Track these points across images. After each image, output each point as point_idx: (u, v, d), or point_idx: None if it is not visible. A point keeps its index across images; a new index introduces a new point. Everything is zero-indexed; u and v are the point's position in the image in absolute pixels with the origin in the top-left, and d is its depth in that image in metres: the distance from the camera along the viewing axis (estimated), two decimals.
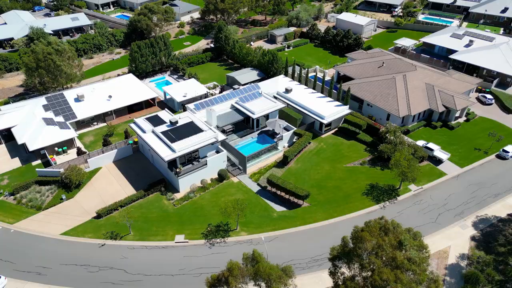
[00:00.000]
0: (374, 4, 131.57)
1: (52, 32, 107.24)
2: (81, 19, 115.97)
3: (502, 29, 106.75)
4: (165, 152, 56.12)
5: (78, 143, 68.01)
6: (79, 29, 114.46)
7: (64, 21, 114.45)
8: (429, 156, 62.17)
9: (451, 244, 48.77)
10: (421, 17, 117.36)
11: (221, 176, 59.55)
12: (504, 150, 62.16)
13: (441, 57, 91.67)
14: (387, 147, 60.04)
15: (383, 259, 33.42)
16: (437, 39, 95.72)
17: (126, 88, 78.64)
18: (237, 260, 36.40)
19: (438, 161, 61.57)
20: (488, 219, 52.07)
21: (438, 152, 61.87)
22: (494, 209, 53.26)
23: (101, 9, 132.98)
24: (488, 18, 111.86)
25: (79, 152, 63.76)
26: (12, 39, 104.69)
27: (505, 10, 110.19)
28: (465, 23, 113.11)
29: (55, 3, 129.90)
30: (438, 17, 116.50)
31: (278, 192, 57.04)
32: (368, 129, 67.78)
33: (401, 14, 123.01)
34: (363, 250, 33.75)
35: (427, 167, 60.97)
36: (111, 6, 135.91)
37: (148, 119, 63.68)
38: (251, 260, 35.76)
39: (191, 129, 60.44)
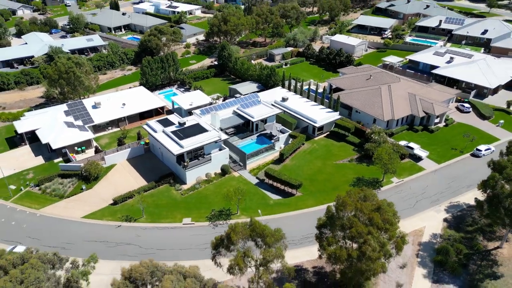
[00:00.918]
0: (366, 28, 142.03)
1: (69, 51, 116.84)
2: (96, 40, 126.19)
3: (482, 49, 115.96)
4: (174, 147, 63.57)
5: (95, 144, 75.50)
6: (94, 49, 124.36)
7: (80, 41, 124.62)
8: (410, 154, 69.37)
9: (426, 224, 55.28)
10: (408, 39, 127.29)
11: (224, 171, 66.70)
12: (477, 149, 69.43)
13: (425, 73, 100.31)
14: (372, 146, 67.36)
15: (361, 220, 40.07)
16: (421, 56, 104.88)
17: (138, 98, 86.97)
18: None
19: (418, 158, 68.76)
20: (460, 205, 58.72)
21: (418, 150, 69.17)
22: (465, 198, 59.93)
23: (113, 31, 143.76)
24: (470, 39, 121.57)
25: (97, 151, 71.31)
26: (32, 57, 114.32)
27: (485, 32, 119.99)
28: (449, 44, 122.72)
29: (70, 26, 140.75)
30: (424, 39, 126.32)
31: (275, 184, 63.95)
32: (356, 132, 75.32)
33: (390, 36, 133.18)
34: (344, 213, 40.46)
35: (408, 164, 68.10)
36: (123, 29, 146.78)
37: (159, 121, 71.51)
38: (250, 225, 42.38)
39: (197, 129, 68.08)
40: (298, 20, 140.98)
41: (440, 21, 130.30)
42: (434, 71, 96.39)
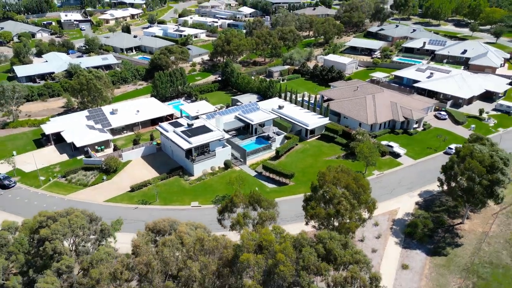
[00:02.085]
0: (357, 49, 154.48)
1: (86, 68, 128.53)
2: (110, 59, 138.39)
3: (462, 67, 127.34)
4: (184, 143, 73.41)
5: (113, 144, 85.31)
6: (108, 67, 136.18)
7: (95, 60, 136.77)
8: (390, 152, 78.94)
9: (400, 206, 64.26)
10: (395, 58, 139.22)
11: (227, 165, 76.21)
12: (449, 148, 78.99)
13: (408, 86, 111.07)
14: (356, 144, 76.98)
15: (338, 187, 49.29)
16: (405, 72, 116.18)
17: (150, 107, 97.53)
18: None
19: (397, 155, 78.29)
20: (430, 192, 67.78)
21: (397, 148, 78.83)
22: (436, 186, 68.42)
23: (125, 52, 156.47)
24: (451, 58, 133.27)
25: (115, 149, 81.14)
26: (53, 73, 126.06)
27: (464, 51, 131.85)
28: (432, 63, 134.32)
29: (86, 47, 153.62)
30: (410, 58, 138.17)
31: (271, 176, 73.33)
32: (343, 134, 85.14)
33: (379, 56, 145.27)
34: (324, 183, 49.74)
35: (388, 160, 77.62)
36: (134, 50, 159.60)
37: (170, 123, 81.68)
38: (250, 196, 51.55)
39: (203, 129, 78.09)
40: (295, 42, 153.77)
41: (424, 42, 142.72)
42: (416, 85, 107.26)
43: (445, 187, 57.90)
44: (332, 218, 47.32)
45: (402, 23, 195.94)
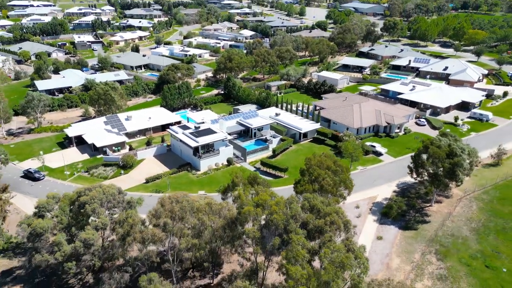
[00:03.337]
0: (349, 67, 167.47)
1: (101, 82, 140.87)
2: (121, 75, 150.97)
3: (444, 81, 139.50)
4: (192, 142, 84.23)
5: (128, 146, 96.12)
6: (120, 82, 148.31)
7: (108, 76, 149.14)
8: (373, 151, 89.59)
9: (379, 193, 74.44)
10: (383, 75, 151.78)
11: (229, 162, 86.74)
12: None
13: (393, 98, 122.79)
14: (342, 144, 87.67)
15: (321, 168, 59.69)
16: (391, 86, 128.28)
17: (160, 115, 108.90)
18: None
19: (379, 154, 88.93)
20: (407, 182, 78.03)
21: (379, 147, 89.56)
22: (411, 178, 79.15)
23: (135, 69, 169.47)
24: (433, 74, 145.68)
25: (130, 148, 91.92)
26: (70, 87, 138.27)
27: (445, 68, 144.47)
28: (416, 78, 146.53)
29: (99, 65, 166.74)
30: (397, 75, 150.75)
31: (268, 171, 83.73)
32: (332, 137, 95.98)
33: (368, 73, 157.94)
34: (311, 165, 60.22)
35: (371, 158, 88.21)
36: (143, 68, 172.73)
37: (179, 126, 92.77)
38: (248, 177, 61.89)
39: (209, 131, 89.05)
40: (291, 61, 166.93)
41: (410, 60, 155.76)
42: (400, 96, 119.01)
43: (414, 175, 68.26)
44: (318, 193, 57.47)
45: (392, 44, 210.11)
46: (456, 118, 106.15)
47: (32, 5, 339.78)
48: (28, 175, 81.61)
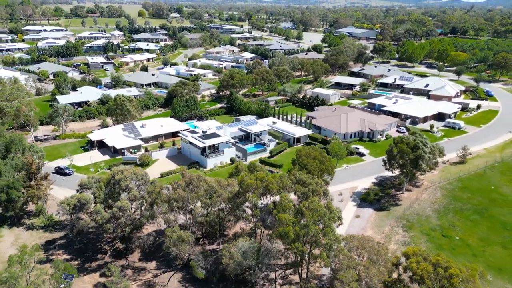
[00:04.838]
0: (341, 84, 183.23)
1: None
2: (133, 91, 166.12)
3: (425, 97, 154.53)
4: (200, 143, 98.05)
5: (143, 149, 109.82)
6: None
7: (121, 92, 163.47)
8: (357, 152, 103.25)
9: (359, 184, 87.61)
10: (371, 91, 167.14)
11: (232, 161, 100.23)
12: None
13: (378, 110, 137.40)
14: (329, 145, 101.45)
15: (309, 158, 73.18)
16: (376, 100, 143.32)
17: (170, 123, 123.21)
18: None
19: (362, 155, 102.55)
20: (384, 176, 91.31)
21: (362, 149, 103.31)
22: (389, 173, 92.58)
23: (145, 87, 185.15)
24: (416, 90, 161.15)
25: (146, 150, 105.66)
26: (88, 101, 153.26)
27: (427, 85, 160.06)
28: (400, 94, 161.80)
29: (112, 82, 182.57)
30: (383, 91, 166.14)
31: (266, 168, 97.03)
32: (322, 141, 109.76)
33: (358, 90, 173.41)
34: (300, 156, 73.74)
35: (355, 158, 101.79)
36: (152, 86, 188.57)
37: (189, 131, 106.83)
38: (249, 165, 75.28)
39: (214, 135, 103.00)
40: (288, 79, 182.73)
41: (395, 78, 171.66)
42: (383, 108, 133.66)
43: (388, 166, 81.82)
44: None
45: (382, 65, 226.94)
46: (431, 126, 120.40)
47: (45, 30, 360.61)
48: (59, 171, 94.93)
